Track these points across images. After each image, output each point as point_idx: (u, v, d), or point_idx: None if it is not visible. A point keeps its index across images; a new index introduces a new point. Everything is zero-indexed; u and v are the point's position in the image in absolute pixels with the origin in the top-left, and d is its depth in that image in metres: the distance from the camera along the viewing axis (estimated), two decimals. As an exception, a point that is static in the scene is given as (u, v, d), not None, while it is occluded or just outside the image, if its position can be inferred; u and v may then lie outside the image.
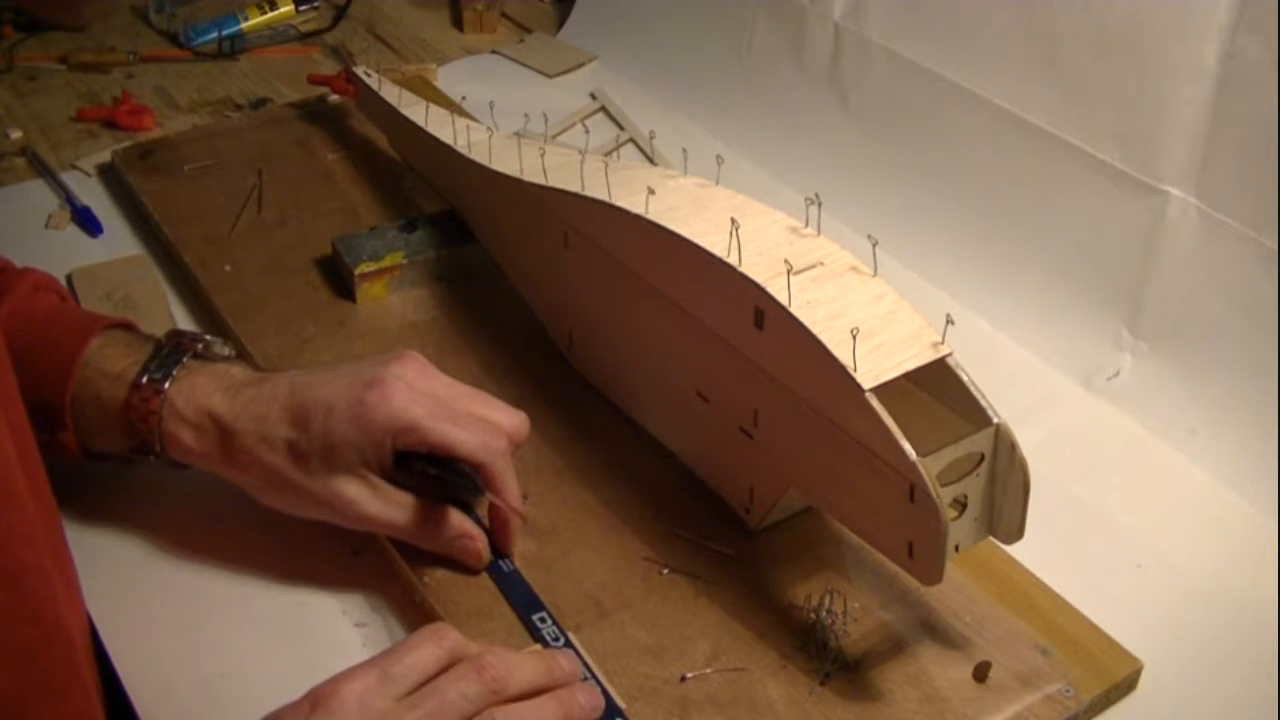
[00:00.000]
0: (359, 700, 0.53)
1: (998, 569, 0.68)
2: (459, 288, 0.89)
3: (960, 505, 0.60)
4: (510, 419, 0.67)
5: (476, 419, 0.65)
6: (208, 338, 0.69)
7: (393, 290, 0.88)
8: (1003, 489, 0.60)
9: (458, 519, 0.66)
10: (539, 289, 0.84)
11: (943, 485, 0.58)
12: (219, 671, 0.64)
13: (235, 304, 0.86)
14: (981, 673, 0.63)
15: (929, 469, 0.57)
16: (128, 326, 0.71)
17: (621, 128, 1.13)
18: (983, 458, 0.60)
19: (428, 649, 0.56)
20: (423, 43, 1.29)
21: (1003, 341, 0.88)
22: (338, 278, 0.89)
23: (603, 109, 1.16)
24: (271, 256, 0.91)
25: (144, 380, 0.66)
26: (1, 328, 0.64)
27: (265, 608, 0.67)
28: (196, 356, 0.68)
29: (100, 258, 0.93)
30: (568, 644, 0.63)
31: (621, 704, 0.61)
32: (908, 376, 0.60)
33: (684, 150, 0.76)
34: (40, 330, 0.68)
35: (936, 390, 0.62)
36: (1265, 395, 0.76)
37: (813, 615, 0.65)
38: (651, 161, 1.06)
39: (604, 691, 0.61)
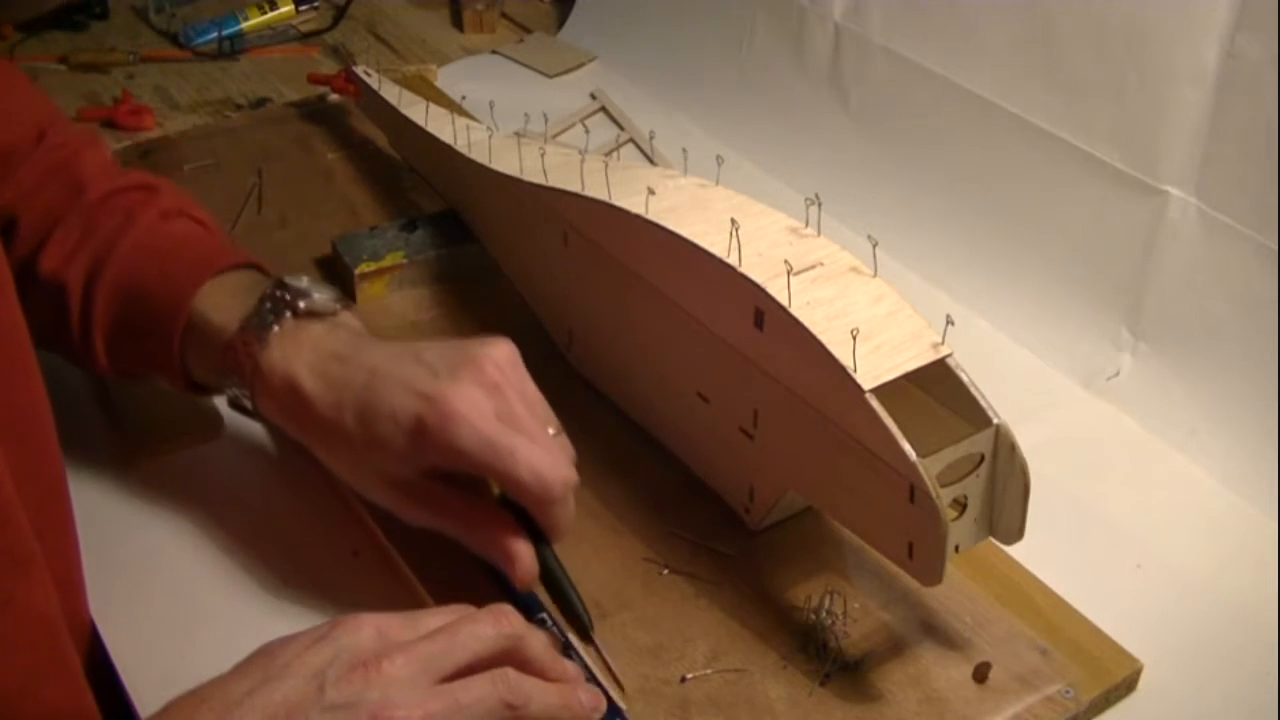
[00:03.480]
0: (378, 628, 0.53)
1: (998, 569, 0.68)
2: (459, 288, 0.89)
3: (960, 506, 0.60)
4: (563, 469, 0.63)
5: (537, 456, 0.61)
6: (313, 293, 0.68)
7: (393, 290, 0.88)
8: (1003, 490, 0.60)
9: (502, 535, 0.63)
10: (539, 289, 0.84)
11: (943, 486, 0.58)
12: (219, 671, 0.64)
13: (235, 304, 0.86)
14: (981, 673, 0.63)
15: (929, 469, 0.57)
16: (250, 265, 0.72)
17: (621, 128, 1.13)
18: (983, 458, 0.60)
19: (452, 611, 0.57)
20: (423, 43, 1.29)
21: (1003, 341, 0.88)
22: (338, 278, 0.89)
23: (603, 109, 1.16)
24: (271, 256, 0.90)
25: (240, 339, 0.66)
26: (126, 262, 0.69)
27: (265, 608, 0.67)
28: (297, 315, 0.67)
29: (100, 258, 0.93)
30: (567, 645, 0.63)
31: (623, 704, 0.61)
32: (908, 377, 0.60)
33: (684, 150, 0.76)
34: (158, 265, 0.69)
35: (936, 391, 0.62)
36: (1265, 395, 0.76)
37: (813, 615, 0.65)
38: (651, 161, 1.06)
39: (604, 693, 0.61)
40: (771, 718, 0.61)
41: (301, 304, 0.67)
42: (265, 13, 1.30)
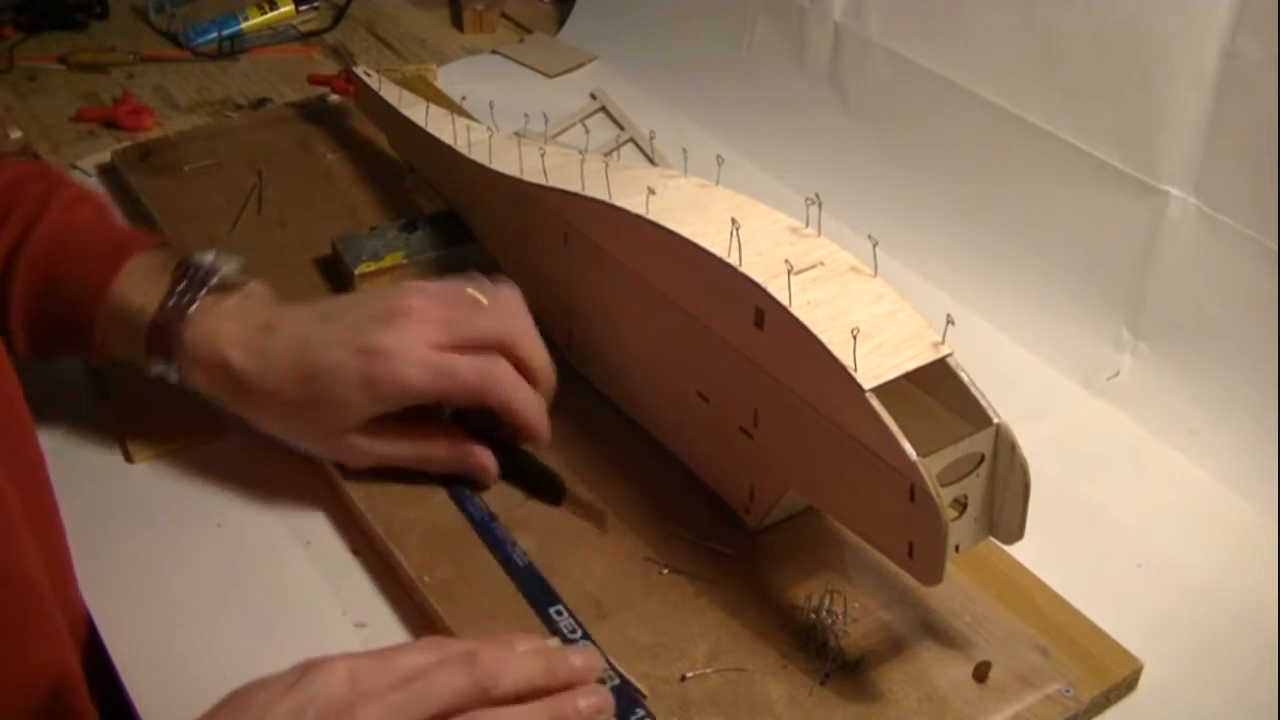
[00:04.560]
0: (350, 673, 0.52)
1: (998, 569, 0.68)
2: (459, 288, 0.89)
3: (960, 505, 0.60)
4: (488, 329, 0.69)
5: (473, 356, 0.68)
6: (222, 267, 0.71)
7: (393, 290, 0.88)
8: (1003, 489, 0.60)
9: (456, 442, 0.71)
10: (539, 289, 0.84)
11: (943, 485, 0.58)
12: (219, 671, 0.64)
13: (235, 304, 0.86)
14: (981, 673, 0.63)
15: (929, 469, 0.57)
16: (160, 245, 0.74)
17: (621, 128, 1.13)
18: (983, 458, 0.60)
19: (426, 650, 0.55)
20: (423, 43, 1.29)
21: (1003, 341, 0.88)
22: (338, 278, 0.89)
23: (603, 109, 1.16)
24: (271, 256, 0.91)
25: (161, 319, 0.69)
26: (42, 249, 0.70)
27: (265, 608, 0.67)
28: (211, 291, 0.70)
29: (100, 258, 0.93)
30: (585, 637, 0.63)
31: (644, 693, 0.61)
32: (908, 377, 0.60)
33: (684, 150, 0.76)
34: (74, 252, 0.71)
35: (936, 390, 0.62)
36: (1265, 395, 0.76)
37: (813, 615, 0.65)
38: (651, 161, 1.06)
39: (624, 684, 0.61)
40: (771, 717, 0.61)
41: (214, 279, 0.70)
42: (265, 13, 1.30)
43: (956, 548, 0.60)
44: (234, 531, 0.72)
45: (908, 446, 0.57)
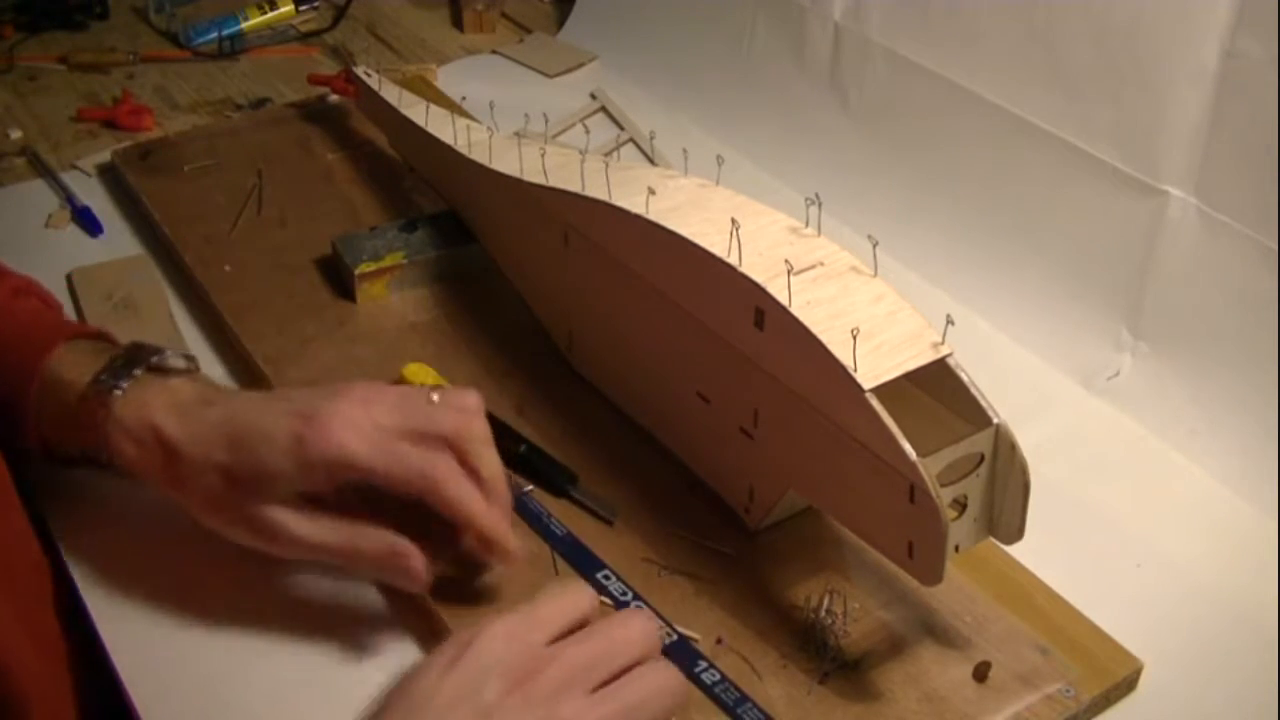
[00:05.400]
0: (509, 635, 0.52)
1: (998, 569, 0.68)
2: (459, 288, 0.89)
3: (960, 505, 0.60)
4: (450, 423, 0.63)
5: (416, 443, 0.62)
6: (166, 351, 0.68)
7: (393, 290, 0.88)
8: (1003, 489, 0.60)
9: (386, 537, 0.63)
10: (539, 289, 0.84)
11: (943, 485, 0.58)
12: (219, 671, 0.64)
13: (235, 304, 0.86)
14: (981, 673, 0.63)
15: (929, 469, 0.57)
16: (100, 336, 0.71)
17: (621, 128, 1.13)
18: (983, 458, 0.60)
19: (569, 603, 0.55)
20: (423, 43, 1.29)
21: (1003, 341, 0.88)
22: (338, 278, 0.89)
23: (603, 109, 1.16)
24: (271, 256, 0.91)
25: (93, 391, 0.65)
26: None
27: (264, 608, 0.67)
28: (151, 369, 0.67)
29: (100, 258, 0.93)
30: (637, 598, 0.64)
31: (697, 637, 0.63)
32: (908, 376, 0.60)
33: (684, 150, 0.76)
34: (10, 333, 0.69)
35: (936, 390, 0.62)
36: (1265, 395, 0.76)
37: (813, 615, 0.65)
38: (652, 161, 1.06)
39: (681, 639, 0.62)
40: (772, 716, 0.61)
41: (154, 359, 0.67)
42: (265, 13, 1.30)
43: (956, 548, 0.60)
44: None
45: (907, 447, 0.57)
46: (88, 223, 0.98)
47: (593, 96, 1.18)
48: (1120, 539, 0.73)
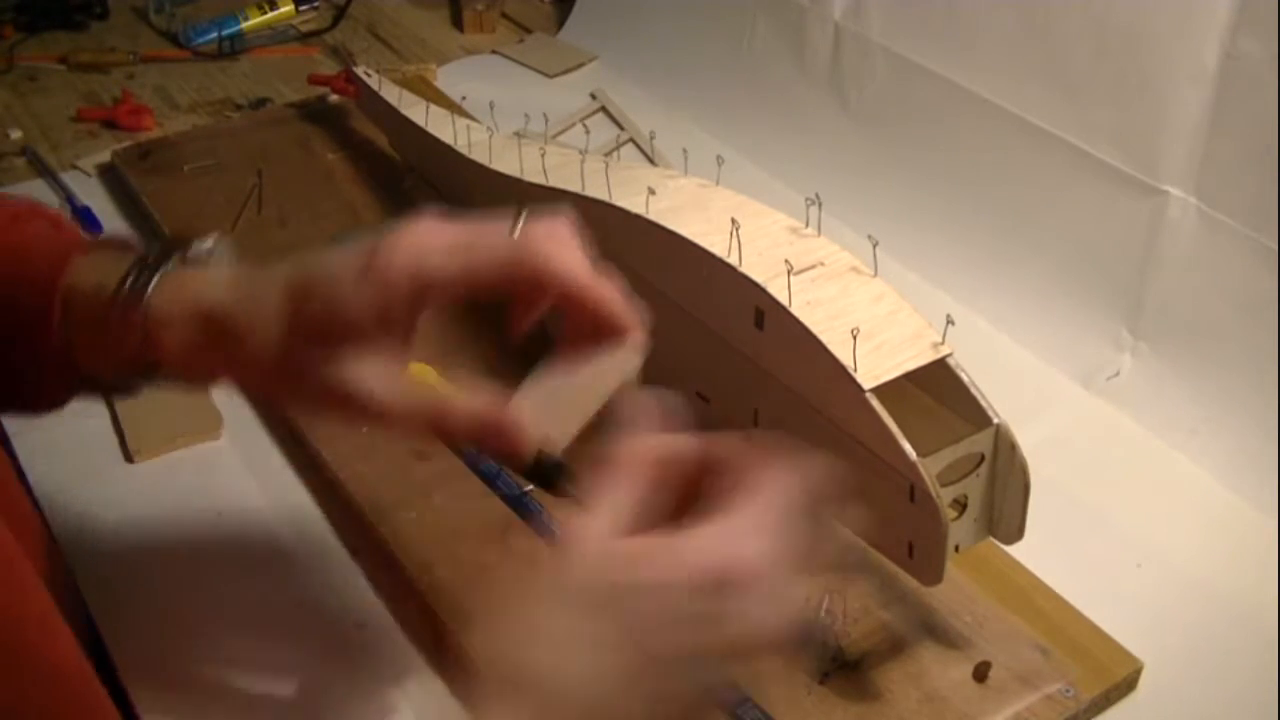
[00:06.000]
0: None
1: (998, 569, 0.68)
2: (459, 288, 0.89)
3: (960, 506, 0.60)
4: (544, 232, 0.54)
5: (500, 239, 0.54)
6: (198, 241, 0.61)
7: (393, 290, 0.88)
8: (1003, 489, 0.60)
9: (477, 400, 0.55)
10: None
11: (943, 485, 0.58)
12: (219, 671, 0.64)
13: (235, 304, 0.86)
14: (981, 673, 0.63)
15: (929, 469, 0.57)
16: (121, 246, 0.63)
17: (621, 128, 1.13)
18: (983, 458, 0.60)
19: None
20: (423, 43, 1.29)
21: (1003, 341, 0.88)
22: (338, 278, 0.89)
23: (603, 109, 1.16)
24: (271, 256, 0.91)
25: (124, 290, 0.58)
26: None
27: (265, 608, 0.67)
28: (189, 262, 0.60)
29: (100, 258, 0.93)
30: None
31: None
32: (908, 377, 0.60)
33: (684, 151, 0.76)
34: (19, 259, 0.62)
35: (936, 390, 0.62)
36: (1265, 395, 0.76)
37: (813, 615, 0.65)
38: (651, 161, 1.06)
39: None
40: (772, 716, 0.61)
41: (188, 251, 0.60)
42: (265, 13, 1.30)
43: (956, 548, 0.60)
44: (233, 531, 0.71)
45: (907, 446, 0.57)
46: (88, 223, 0.98)
47: (593, 96, 1.18)
48: (1120, 539, 0.73)
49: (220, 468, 0.76)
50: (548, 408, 0.55)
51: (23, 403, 0.63)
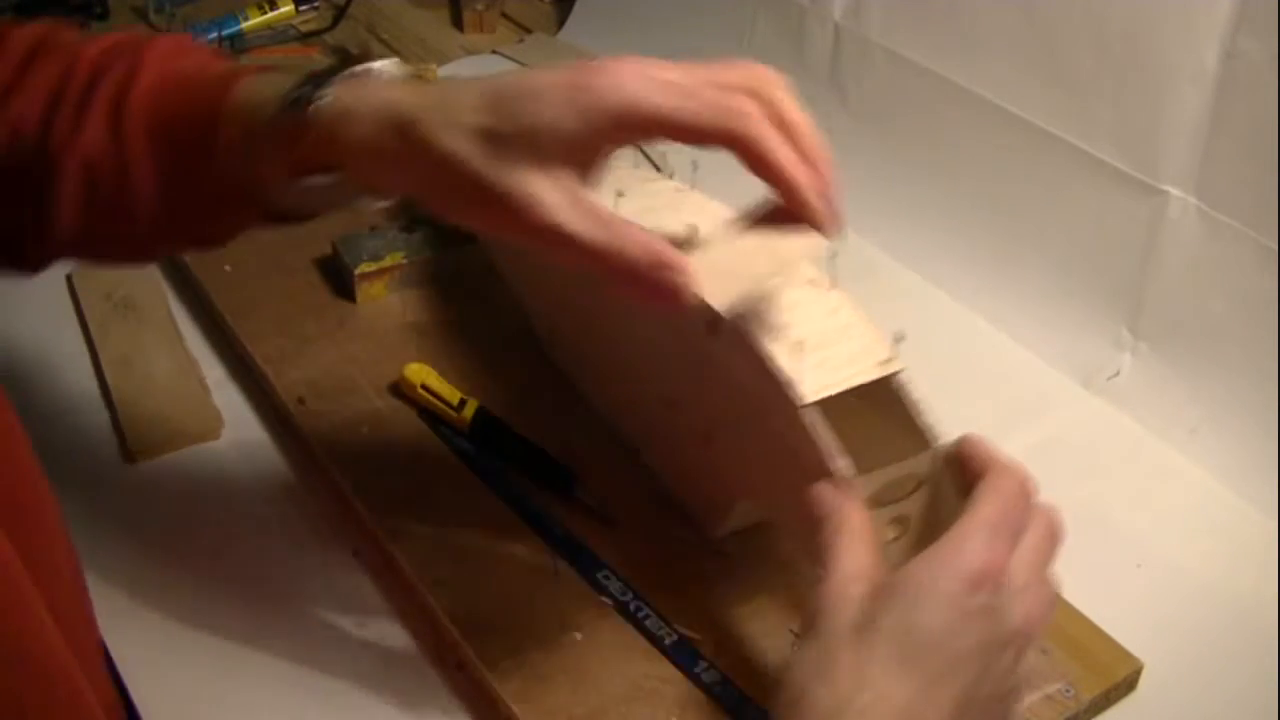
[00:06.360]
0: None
1: (998, 569, 0.68)
2: (459, 288, 0.89)
3: (901, 526, 0.58)
4: (753, 70, 0.54)
5: (717, 92, 0.52)
6: (371, 58, 0.58)
7: (393, 290, 0.88)
8: (947, 513, 0.56)
9: (654, 242, 0.52)
10: (527, 288, 0.83)
11: (880, 505, 0.56)
12: (219, 671, 0.64)
13: (235, 304, 0.86)
14: (981, 673, 0.62)
15: (863, 487, 0.54)
16: (285, 70, 0.61)
17: (621, 128, 1.12)
18: (923, 480, 0.57)
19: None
20: (423, 43, 1.29)
21: (1003, 341, 0.88)
22: (338, 278, 0.89)
23: (603, 109, 1.15)
24: (271, 256, 0.91)
25: (301, 91, 0.55)
26: (147, 102, 0.60)
27: (265, 608, 0.67)
28: (364, 75, 0.57)
29: (100, 258, 0.93)
30: (637, 598, 0.66)
31: (699, 642, 0.63)
32: (859, 393, 0.58)
33: (694, 163, 0.75)
34: (185, 85, 0.60)
35: (887, 408, 0.59)
36: (1265, 395, 0.76)
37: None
38: (651, 162, 1.06)
39: (680, 640, 0.61)
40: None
41: (367, 65, 0.57)
42: (265, 13, 1.30)
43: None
44: (233, 531, 0.72)
45: (840, 464, 0.55)
46: (88, 223, 0.97)
47: (593, 96, 1.17)
48: (1120, 539, 0.73)
49: (220, 468, 0.76)
50: (718, 268, 0.55)
51: (198, 234, 0.63)
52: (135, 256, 0.68)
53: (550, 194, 0.52)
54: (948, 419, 0.58)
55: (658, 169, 1.04)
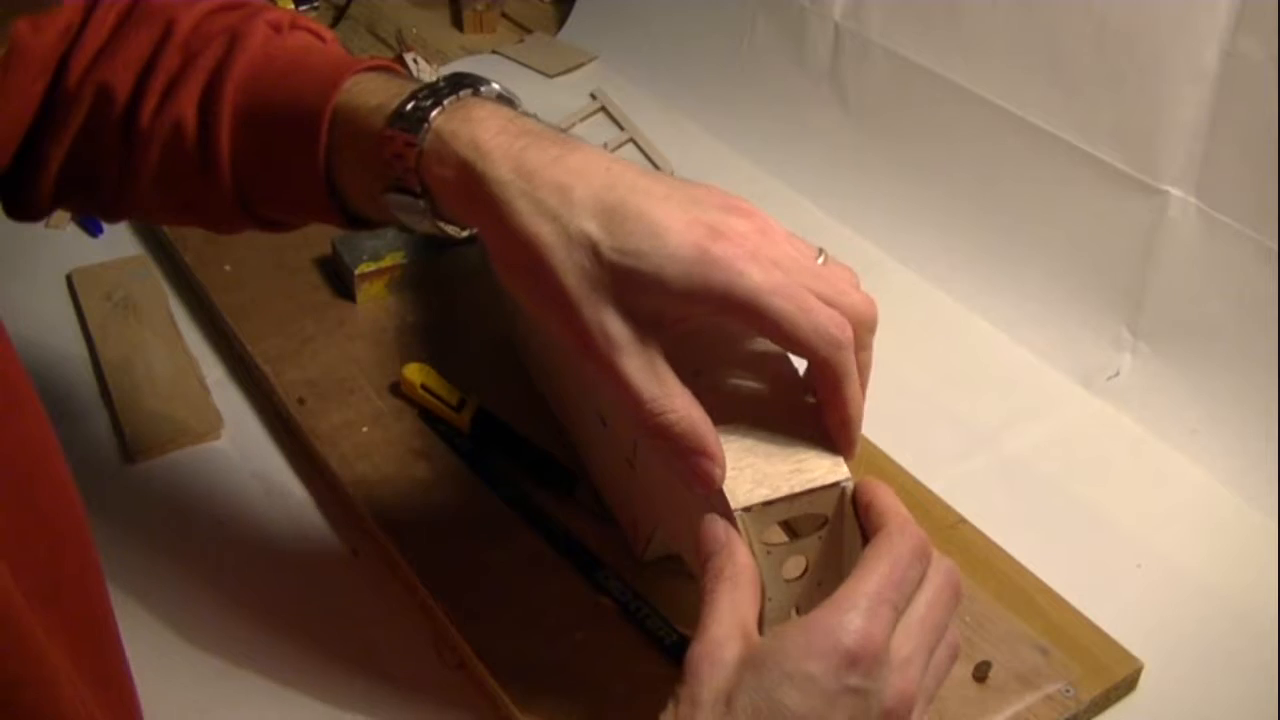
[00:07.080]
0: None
1: (998, 569, 0.68)
2: (459, 288, 0.89)
3: (803, 563, 0.55)
4: (862, 304, 0.52)
5: (821, 301, 0.51)
6: (490, 82, 0.57)
7: (393, 290, 0.88)
8: (848, 555, 0.55)
9: (701, 424, 0.52)
10: (501, 289, 0.82)
11: (786, 540, 0.54)
12: (220, 672, 0.64)
13: (235, 304, 0.86)
14: (981, 673, 0.63)
15: (750, 524, 0.52)
16: (390, 70, 0.60)
17: (621, 128, 1.13)
18: (826, 520, 0.54)
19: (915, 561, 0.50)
20: (423, 43, 1.29)
21: (1003, 341, 0.88)
22: (338, 278, 0.89)
23: (603, 109, 1.16)
24: (271, 256, 0.91)
25: (406, 110, 0.54)
26: (244, 84, 0.59)
27: (264, 608, 0.67)
28: (478, 94, 0.56)
29: (100, 258, 0.93)
30: (636, 597, 0.65)
31: None
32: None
33: (708, 171, 0.75)
34: (289, 72, 0.59)
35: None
36: (1265, 395, 0.76)
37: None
38: (651, 162, 1.06)
39: (680, 640, 0.60)
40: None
41: (482, 88, 0.56)
42: (265, 13, 1.30)
43: (797, 609, 0.54)
44: (233, 532, 0.72)
45: (734, 498, 0.52)
46: (88, 223, 0.97)
47: (593, 96, 1.17)
48: (1120, 539, 0.73)
49: (220, 468, 0.76)
50: (748, 464, 0.54)
51: (272, 220, 0.63)
52: (209, 227, 0.66)
53: (629, 342, 0.51)
54: (948, 419, 0.58)
55: (657, 169, 1.04)
